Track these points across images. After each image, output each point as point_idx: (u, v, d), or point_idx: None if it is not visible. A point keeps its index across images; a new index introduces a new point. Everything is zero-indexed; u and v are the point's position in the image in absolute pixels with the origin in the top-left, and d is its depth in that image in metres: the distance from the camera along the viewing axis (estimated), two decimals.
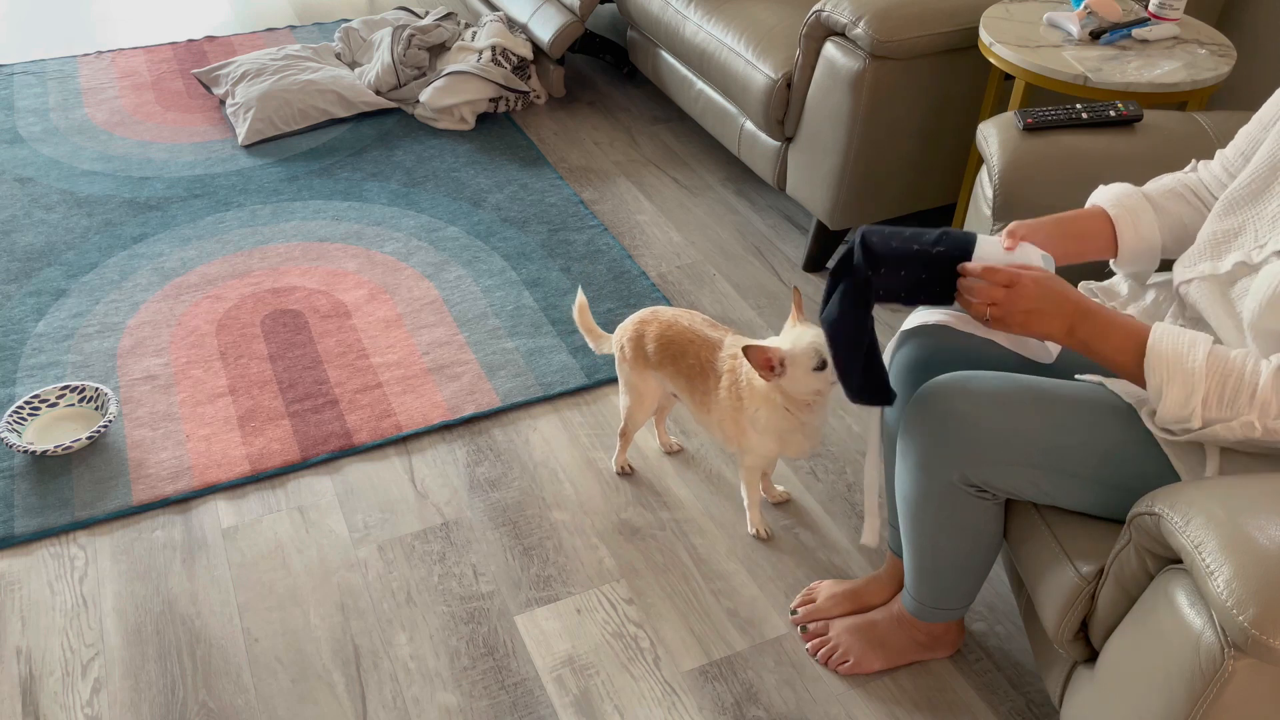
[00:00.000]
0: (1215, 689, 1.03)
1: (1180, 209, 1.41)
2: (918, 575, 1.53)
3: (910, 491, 1.42)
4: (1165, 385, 1.16)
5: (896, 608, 1.65)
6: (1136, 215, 1.38)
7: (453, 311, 2.42)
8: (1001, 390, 1.30)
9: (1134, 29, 2.12)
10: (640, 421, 1.94)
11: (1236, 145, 1.38)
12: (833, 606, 1.73)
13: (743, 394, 1.70)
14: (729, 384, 1.72)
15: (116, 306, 2.42)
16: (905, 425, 1.38)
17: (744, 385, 1.70)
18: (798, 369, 1.60)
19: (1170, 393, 1.15)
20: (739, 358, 1.71)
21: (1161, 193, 1.42)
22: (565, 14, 3.14)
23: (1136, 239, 1.38)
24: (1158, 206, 1.40)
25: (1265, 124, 1.33)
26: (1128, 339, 1.20)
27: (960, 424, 1.30)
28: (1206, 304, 1.29)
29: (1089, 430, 1.26)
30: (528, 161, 3.03)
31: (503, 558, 1.86)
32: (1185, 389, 1.15)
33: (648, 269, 2.60)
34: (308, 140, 3.10)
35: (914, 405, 1.36)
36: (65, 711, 1.60)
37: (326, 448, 2.06)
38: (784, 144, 2.56)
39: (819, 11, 2.31)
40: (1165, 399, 1.16)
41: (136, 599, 1.78)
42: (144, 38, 3.74)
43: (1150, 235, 1.39)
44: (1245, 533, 1.03)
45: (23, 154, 3.00)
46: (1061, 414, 1.27)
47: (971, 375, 1.33)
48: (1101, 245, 1.40)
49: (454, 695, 1.64)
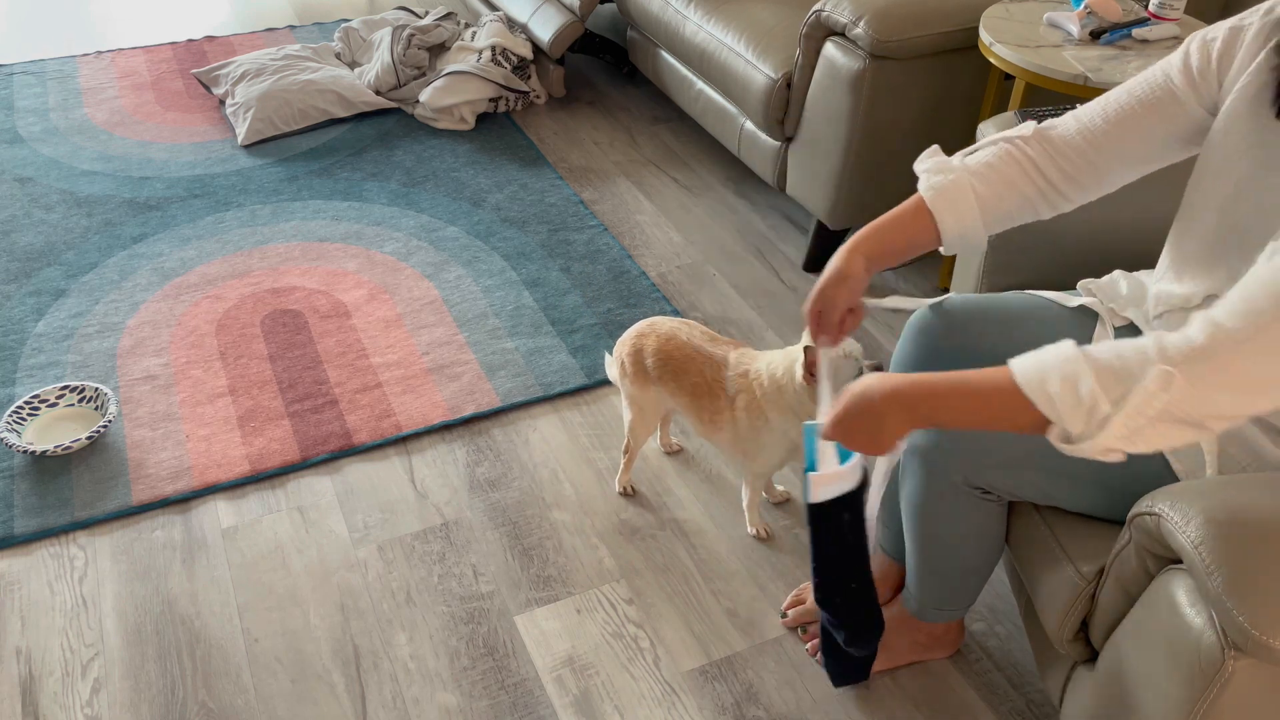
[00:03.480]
0: (1215, 689, 1.03)
1: (1009, 195, 1.32)
2: (920, 576, 1.53)
3: (914, 493, 1.42)
4: (1053, 395, 1.03)
5: (897, 608, 1.65)
6: (958, 210, 1.32)
7: (453, 311, 2.42)
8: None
9: (1134, 29, 2.12)
10: (644, 437, 1.93)
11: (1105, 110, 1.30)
12: None
13: (767, 409, 1.70)
14: (747, 402, 1.72)
15: (116, 306, 2.42)
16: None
17: (766, 400, 1.70)
18: (838, 377, 1.61)
19: (1062, 395, 1.02)
20: (749, 375, 1.72)
21: (987, 174, 1.32)
22: (565, 14, 3.14)
23: (959, 229, 1.33)
24: (980, 196, 1.32)
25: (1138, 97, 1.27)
26: (986, 386, 1.09)
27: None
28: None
29: None
30: (528, 161, 3.03)
31: (503, 558, 1.86)
32: (1071, 382, 1.02)
33: (648, 269, 2.60)
34: (308, 140, 3.10)
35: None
36: (65, 711, 1.60)
37: (326, 448, 2.06)
38: (784, 144, 2.56)
39: (819, 11, 2.31)
40: (1060, 407, 1.02)
41: (136, 599, 1.78)
42: (144, 38, 3.74)
43: (973, 229, 1.33)
44: (1245, 533, 1.03)
45: (23, 154, 3.00)
46: None
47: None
48: (927, 241, 1.35)
49: (454, 695, 1.64)
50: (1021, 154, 1.32)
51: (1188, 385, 0.98)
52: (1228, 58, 1.21)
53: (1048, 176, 1.31)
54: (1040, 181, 1.31)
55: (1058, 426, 1.04)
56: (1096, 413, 1.01)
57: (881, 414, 1.15)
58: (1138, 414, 1.00)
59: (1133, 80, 1.29)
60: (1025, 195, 1.32)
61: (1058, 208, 1.34)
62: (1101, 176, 1.31)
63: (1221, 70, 1.22)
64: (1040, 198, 1.32)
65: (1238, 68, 1.20)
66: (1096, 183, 1.32)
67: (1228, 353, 0.98)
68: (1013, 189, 1.32)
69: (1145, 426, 1.00)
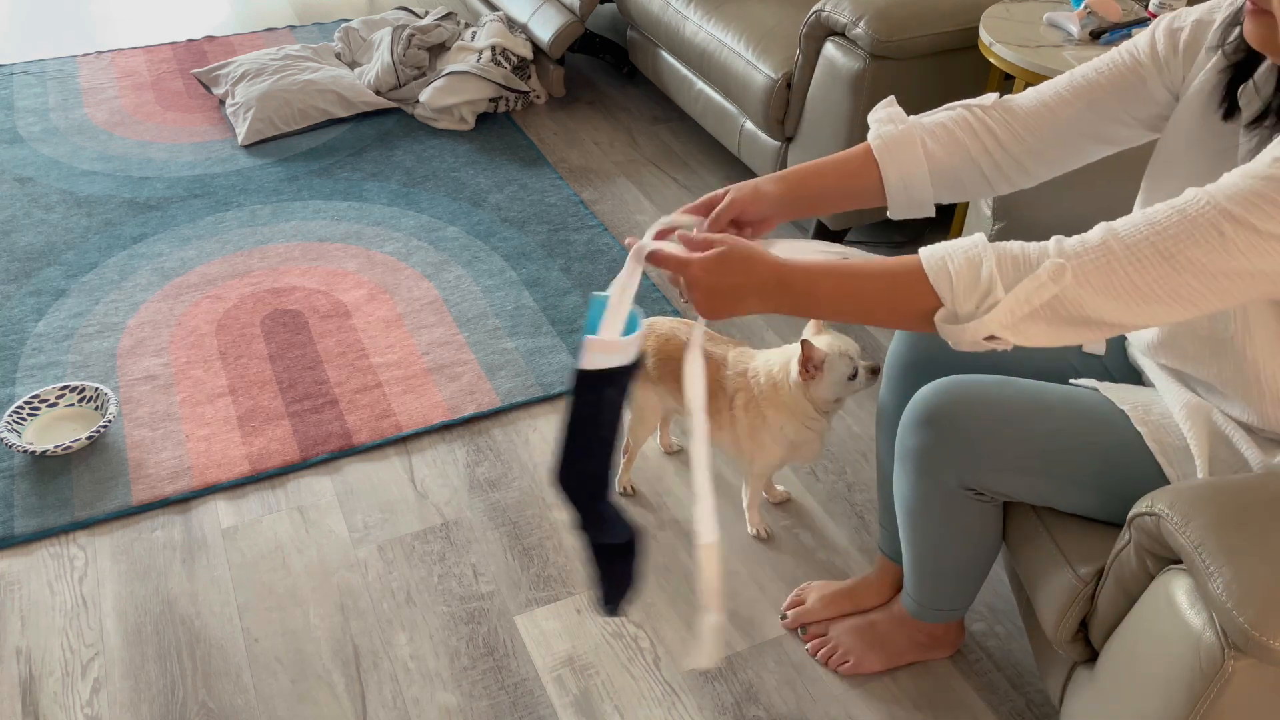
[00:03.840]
0: (1215, 689, 1.03)
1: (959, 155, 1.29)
2: (917, 578, 1.53)
3: (909, 496, 1.42)
4: (952, 273, 1.03)
5: (896, 608, 1.65)
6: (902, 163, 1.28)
7: (453, 311, 2.42)
8: (998, 396, 1.30)
9: (1134, 29, 2.12)
10: (643, 438, 1.93)
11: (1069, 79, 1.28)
12: (823, 608, 1.73)
13: (764, 408, 1.71)
14: (745, 401, 1.73)
15: (116, 306, 2.42)
16: (903, 431, 1.38)
17: (763, 399, 1.71)
18: (833, 373, 1.65)
19: (961, 273, 1.02)
20: (748, 374, 1.73)
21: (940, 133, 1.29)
22: (565, 14, 3.14)
23: (902, 182, 1.29)
24: (930, 154, 1.28)
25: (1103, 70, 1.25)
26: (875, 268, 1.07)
27: (958, 430, 1.30)
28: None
29: (1084, 436, 1.26)
30: (528, 161, 3.03)
31: (503, 558, 1.86)
32: (974, 263, 1.02)
33: (647, 269, 2.60)
34: (308, 140, 3.10)
35: (911, 411, 1.36)
36: (65, 711, 1.60)
37: (326, 448, 2.06)
38: (784, 144, 2.56)
39: (819, 11, 2.31)
40: (957, 285, 1.03)
41: (136, 599, 1.78)
42: (144, 38, 3.74)
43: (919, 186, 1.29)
44: (1245, 533, 1.03)
45: (23, 154, 3.00)
46: (1057, 420, 1.27)
47: (967, 381, 1.33)
48: (864, 190, 1.30)
49: (454, 695, 1.64)
50: (978, 121, 1.29)
51: (1075, 283, 0.99)
52: (1192, 50, 1.21)
53: (1003, 144, 1.28)
54: (995, 149, 1.29)
55: (947, 308, 1.04)
56: (990, 297, 1.02)
57: (744, 287, 1.09)
58: (1025, 301, 1.01)
59: (1098, 59, 1.28)
60: (976, 162, 1.29)
61: (1013, 181, 1.31)
62: (1059, 151, 1.29)
63: (1186, 61, 1.22)
64: (995, 168, 1.30)
65: (1200, 61, 1.20)
66: (1053, 157, 1.30)
67: (1117, 257, 0.99)
68: (964, 152, 1.29)
69: (1030, 316, 1.01)
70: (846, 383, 1.66)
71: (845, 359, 1.65)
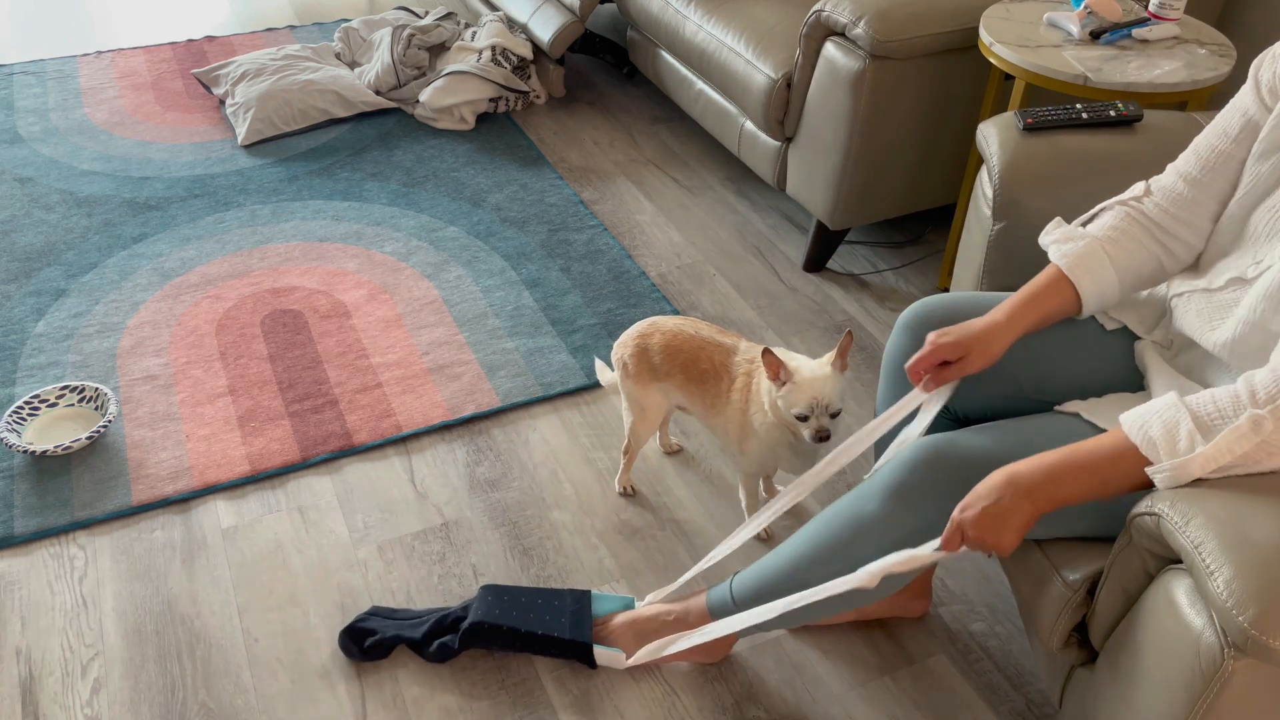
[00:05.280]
0: (1215, 689, 1.03)
1: (1139, 253, 1.38)
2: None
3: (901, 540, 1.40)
4: (1154, 437, 1.12)
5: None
6: (1094, 274, 1.37)
7: (453, 311, 2.42)
8: (991, 452, 1.29)
9: (1134, 29, 2.12)
10: (645, 438, 1.93)
11: (1198, 154, 1.36)
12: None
13: (750, 398, 1.71)
14: (742, 385, 1.74)
15: (116, 306, 2.42)
16: (900, 493, 1.36)
17: (753, 390, 1.71)
18: (792, 394, 1.62)
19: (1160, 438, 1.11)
20: (755, 362, 1.73)
21: (1116, 237, 1.38)
22: (565, 14, 3.14)
23: (1097, 293, 1.39)
24: (1114, 259, 1.37)
25: (1231, 136, 1.32)
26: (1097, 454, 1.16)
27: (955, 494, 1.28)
28: (1193, 317, 1.31)
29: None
30: (528, 161, 3.03)
31: (503, 558, 1.86)
32: (1169, 424, 1.11)
33: (648, 269, 2.60)
34: (307, 140, 3.10)
35: (909, 474, 1.35)
36: (65, 712, 1.60)
37: (326, 448, 2.06)
38: (784, 144, 2.56)
39: (819, 11, 2.31)
40: (1159, 446, 1.11)
41: (136, 599, 1.78)
42: (144, 38, 3.74)
43: (1110, 291, 1.38)
44: (1245, 533, 1.03)
45: (23, 154, 3.00)
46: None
47: (959, 442, 1.33)
48: (1065, 311, 1.40)
49: (454, 695, 1.64)
50: (1143, 216, 1.38)
51: (1277, 429, 1.07)
52: None
53: (1170, 232, 1.37)
54: (1166, 239, 1.37)
55: (1156, 465, 1.12)
56: (1188, 453, 1.10)
57: (1007, 511, 1.17)
58: (1226, 451, 1.08)
59: (1216, 124, 1.35)
60: (1155, 256, 1.38)
61: (1182, 260, 1.39)
62: (1212, 220, 1.35)
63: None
64: (1169, 255, 1.38)
65: None
66: (1209, 226, 1.36)
67: None
68: (1142, 251, 1.38)
69: (1231, 465, 1.09)
70: (793, 417, 1.62)
71: (807, 397, 1.60)
